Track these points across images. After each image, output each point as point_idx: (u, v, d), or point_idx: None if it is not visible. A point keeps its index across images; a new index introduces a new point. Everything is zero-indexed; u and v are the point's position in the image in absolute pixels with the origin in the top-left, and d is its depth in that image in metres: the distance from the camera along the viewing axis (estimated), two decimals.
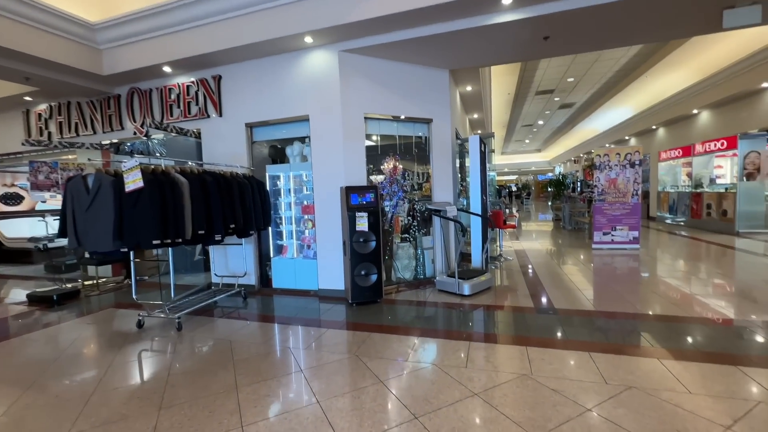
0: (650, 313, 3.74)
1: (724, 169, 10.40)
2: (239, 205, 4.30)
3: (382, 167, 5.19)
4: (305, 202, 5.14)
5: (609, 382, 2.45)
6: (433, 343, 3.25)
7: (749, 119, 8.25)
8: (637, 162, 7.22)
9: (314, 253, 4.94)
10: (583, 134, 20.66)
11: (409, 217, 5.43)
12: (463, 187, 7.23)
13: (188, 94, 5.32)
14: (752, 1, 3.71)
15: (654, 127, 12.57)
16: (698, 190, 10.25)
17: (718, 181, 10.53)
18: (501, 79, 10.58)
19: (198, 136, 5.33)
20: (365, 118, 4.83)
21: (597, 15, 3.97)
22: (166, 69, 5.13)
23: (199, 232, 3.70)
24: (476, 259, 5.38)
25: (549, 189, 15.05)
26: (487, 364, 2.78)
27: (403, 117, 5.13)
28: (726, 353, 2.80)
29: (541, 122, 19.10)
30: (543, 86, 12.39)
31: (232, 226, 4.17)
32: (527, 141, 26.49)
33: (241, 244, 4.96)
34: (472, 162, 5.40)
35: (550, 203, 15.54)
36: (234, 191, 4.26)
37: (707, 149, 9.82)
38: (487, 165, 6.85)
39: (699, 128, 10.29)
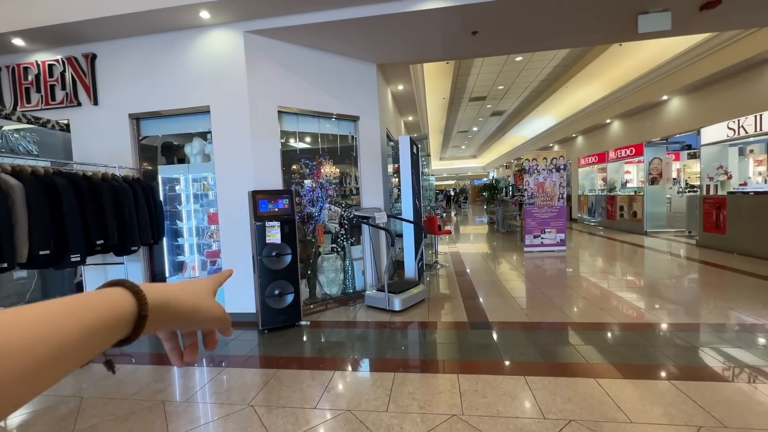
0: (579, 321, 3.60)
1: (632, 174, 11.44)
2: (113, 215, 3.39)
3: (303, 169, 4.57)
4: (212, 210, 4.33)
5: (547, 416, 2.11)
6: (353, 378, 2.71)
7: (653, 128, 9.07)
8: (562, 166, 7.46)
9: (220, 270, 4.15)
10: (514, 141, 21.88)
11: (336, 225, 4.87)
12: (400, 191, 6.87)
13: (51, 76, 4.21)
14: (663, 7, 3.80)
15: (574, 135, 13.52)
16: (612, 194, 11.11)
17: (628, 185, 11.55)
18: (435, 83, 10.53)
19: (66, 128, 4.24)
20: (280, 111, 4.18)
21: (522, 11, 3.80)
22: (17, 42, 4.00)
23: (41, 252, 2.77)
24: (409, 269, 4.98)
25: (484, 194, 15.63)
26: (411, 404, 2.31)
27: (331, 114, 4.58)
28: (658, 365, 2.65)
29: (475, 129, 19.81)
30: (476, 93, 12.69)
31: (100, 242, 3.26)
32: (463, 147, 27.48)
33: (123, 263, 3.99)
34: (403, 165, 5.01)
35: (485, 207, 16.04)
36: (105, 198, 3.34)
37: (619, 156, 10.69)
38: (422, 169, 6.63)
39: (611, 136, 11.18)
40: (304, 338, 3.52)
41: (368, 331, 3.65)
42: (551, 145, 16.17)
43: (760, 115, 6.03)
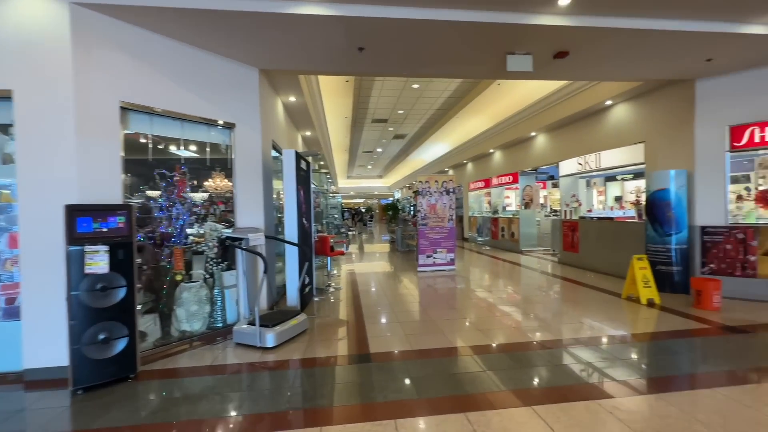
0: (460, 345, 3.58)
1: (511, 199, 12.93)
2: None
3: (159, 181, 3.78)
4: (15, 229, 3.23)
5: None
6: None
7: (525, 160, 10.38)
8: (451, 189, 7.89)
9: (19, 310, 3.06)
10: (416, 164, 23.15)
11: (202, 247, 4.12)
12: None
13: None
14: (526, 51, 4.22)
15: (465, 161, 14.79)
16: (495, 216, 12.32)
17: (508, 208, 12.96)
18: (336, 100, 10.40)
19: None
20: (124, 108, 3.39)
21: (403, 33, 3.82)
22: None
23: None
24: (291, 296, 4.48)
25: (389, 212, 16.12)
26: None
27: (199, 118, 3.91)
28: (546, 388, 2.68)
29: (379, 150, 20.40)
30: (378, 114, 13.01)
31: None
32: (369, 167, 28.13)
33: None
34: (287, 180, 4.56)
35: (387, 226, 16.41)
36: None
37: (500, 182, 11.96)
38: (328, 187, 6.35)
39: (494, 165, 12.50)
40: (135, 398, 2.73)
41: (227, 379, 3.03)
42: (447, 169, 17.44)
43: (599, 154, 7.28)
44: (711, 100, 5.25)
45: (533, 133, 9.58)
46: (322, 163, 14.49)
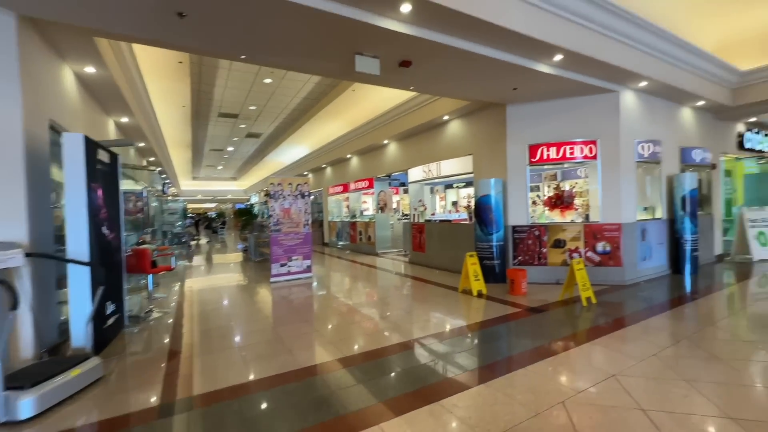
0: (312, 363, 3.21)
1: (369, 204, 13.43)
2: None
3: None
4: None
5: None
6: None
7: (380, 166, 10.89)
8: (306, 193, 7.49)
9: None
10: (274, 166, 21.81)
11: None
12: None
13: None
14: (373, 54, 4.21)
15: (324, 165, 14.65)
16: (353, 220, 12.54)
17: (365, 212, 13.40)
18: (167, 84, 8.68)
19: None
20: None
21: (236, 3, 3.25)
22: None
23: None
24: (77, 335, 3.26)
25: (243, 218, 14.54)
26: None
27: None
28: (410, 393, 2.48)
29: (231, 148, 18.37)
30: (226, 108, 11.56)
31: None
32: (220, 167, 25.14)
33: None
34: (71, 174, 3.32)
35: (240, 233, 14.80)
36: None
37: (357, 187, 12.24)
38: (164, 188, 4.99)
39: (352, 170, 12.74)
40: None
41: None
42: (306, 173, 16.99)
43: (439, 163, 8.14)
44: (517, 123, 6.43)
45: (386, 141, 10.10)
46: (152, 159, 11.98)
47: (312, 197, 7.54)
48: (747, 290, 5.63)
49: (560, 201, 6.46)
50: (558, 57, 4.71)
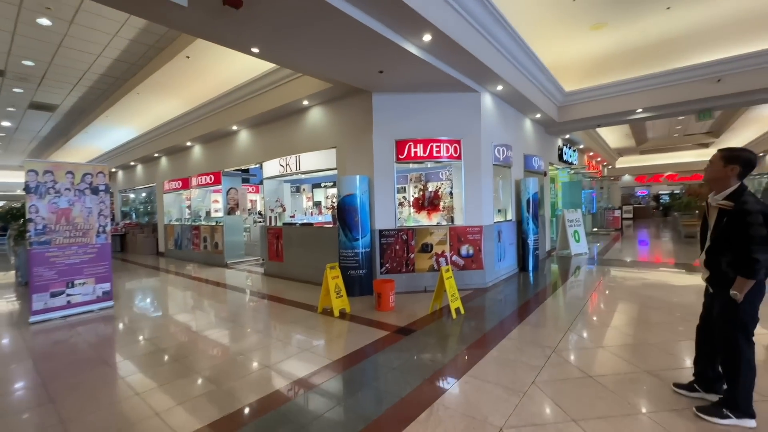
0: None
1: (220, 204, 11.10)
2: None
3: None
4: None
5: None
6: None
7: (229, 158, 8.92)
8: (101, 187, 5.20)
9: None
10: (88, 153, 16.56)
11: None
12: None
13: None
14: None
15: (157, 154, 11.56)
16: (196, 223, 10.13)
17: (215, 214, 11.06)
18: None
19: None
20: None
21: None
22: None
23: None
24: None
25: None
26: None
27: None
28: None
29: (8, 123, 12.95)
30: None
31: None
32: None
33: None
34: None
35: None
36: None
37: (201, 183, 9.90)
38: None
39: (195, 161, 10.28)
40: None
41: None
42: (132, 163, 13.31)
43: (299, 156, 6.90)
44: (384, 114, 5.74)
45: (235, 127, 8.27)
46: None
47: (107, 192, 5.23)
48: (579, 285, 6.24)
49: (427, 202, 6.07)
50: (427, 37, 4.11)
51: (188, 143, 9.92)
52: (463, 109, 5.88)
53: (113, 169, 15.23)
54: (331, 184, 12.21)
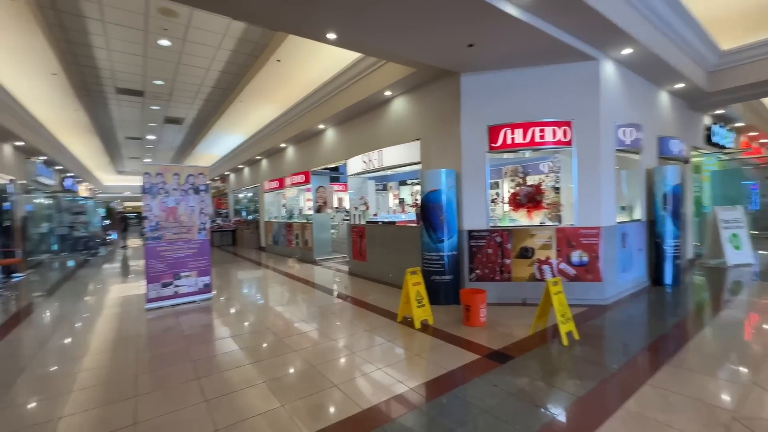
0: None
1: (312, 202, 11.57)
2: None
3: None
4: None
5: None
6: None
7: (317, 157, 9.13)
8: (202, 187, 5.59)
9: None
10: (208, 159, 19.22)
11: None
12: None
13: None
14: None
15: (258, 157, 12.61)
16: (289, 221, 10.67)
17: (307, 212, 11.58)
18: (17, 39, 6.31)
19: None
20: None
21: None
22: None
23: None
24: None
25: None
26: None
27: None
28: None
29: (152, 137, 15.66)
30: (124, 82, 9.22)
31: None
32: (147, 160, 21.97)
33: None
34: None
35: None
36: None
37: (294, 182, 10.38)
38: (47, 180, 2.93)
39: (288, 162, 10.85)
40: None
41: None
42: (240, 166, 14.83)
43: (381, 151, 6.55)
44: (474, 97, 4.99)
45: (321, 126, 8.37)
46: (20, 144, 9.34)
47: (207, 191, 5.63)
48: (749, 312, 4.57)
49: (526, 198, 5.11)
50: None
51: (282, 144, 10.49)
52: (575, 82, 4.77)
53: (226, 172, 17.26)
54: (417, 180, 11.76)
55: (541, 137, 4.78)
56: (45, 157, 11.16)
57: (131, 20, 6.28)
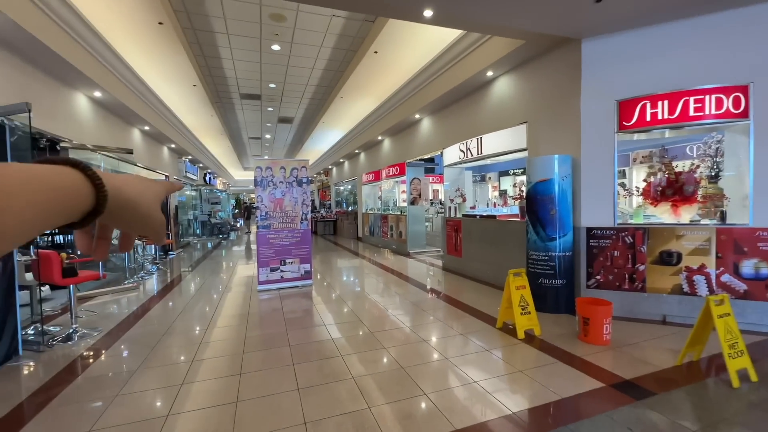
0: None
1: (406, 194, 11.55)
2: None
3: None
4: None
5: None
6: None
7: (412, 148, 8.97)
8: (304, 179, 5.92)
9: None
10: (314, 154, 20.88)
11: None
12: None
13: None
14: None
15: (357, 151, 13.07)
16: (384, 212, 10.80)
17: (402, 204, 11.60)
18: (161, 57, 7.61)
19: None
20: None
21: None
22: None
23: None
24: None
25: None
26: None
27: None
28: None
29: (268, 136, 17.65)
30: (245, 88, 10.47)
31: None
32: (266, 156, 25.00)
33: None
34: None
35: None
36: None
37: (389, 174, 10.44)
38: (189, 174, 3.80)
39: (384, 154, 10.96)
40: None
41: None
42: (341, 160, 15.63)
43: (480, 139, 6.00)
44: (599, 67, 4.12)
45: (417, 116, 8.14)
46: (173, 146, 11.39)
47: (310, 183, 5.95)
48: None
49: (675, 189, 4.04)
50: None
51: (379, 137, 10.63)
52: (754, 31, 3.53)
53: (329, 166, 18.45)
54: (521, 170, 10.68)
55: (697, 110, 3.68)
56: (190, 157, 13.44)
57: (248, 30, 6.97)
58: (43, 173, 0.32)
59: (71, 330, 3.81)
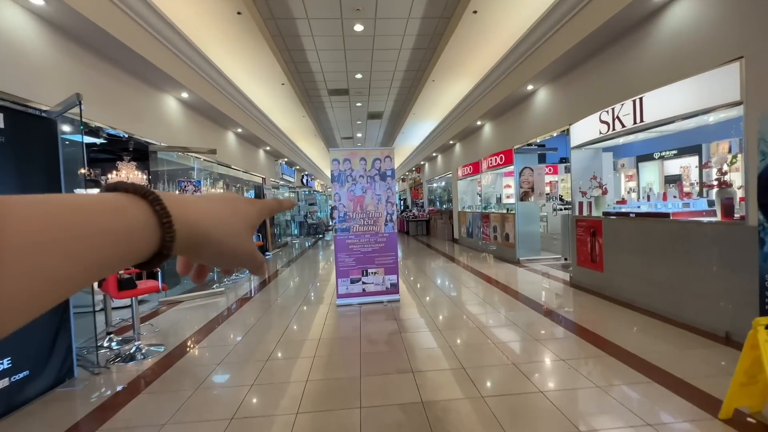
0: None
1: (512, 188, 9.70)
2: None
3: None
4: None
5: None
6: None
7: (522, 130, 7.21)
8: (388, 171, 4.86)
9: None
10: (405, 151, 20.03)
11: None
12: None
13: None
14: None
15: (451, 141, 11.65)
16: (486, 211, 9.18)
17: (506, 200, 9.82)
18: (244, 52, 7.40)
19: None
20: None
21: None
22: None
23: None
24: None
25: None
26: None
27: None
28: None
29: (359, 134, 17.37)
30: (332, 83, 10.03)
31: None
32: None
33: None
34: None
35: None
36: None
37: (491, 165, 8.79)
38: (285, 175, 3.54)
39: (484, 142, 9.34)
40: None
41: None
42: (434, 154, 14.35)
43: (640, 99, 4.07)
44: None
45: (530, 87, 6.40)
46: (268, 148, 11.63)
47: (393, 177, 4.85)
48: None
49: None
50: None
51: (478, 122, 9.05)
52: None
53: (421, 162, 17.34)
54: (674, 153, 8.05)
55: None
56: (286, 159, 13.78)
57: (328, 9, 6.25)
58: (93, 211, 0.25)
59: (134, 348, 3.41)
